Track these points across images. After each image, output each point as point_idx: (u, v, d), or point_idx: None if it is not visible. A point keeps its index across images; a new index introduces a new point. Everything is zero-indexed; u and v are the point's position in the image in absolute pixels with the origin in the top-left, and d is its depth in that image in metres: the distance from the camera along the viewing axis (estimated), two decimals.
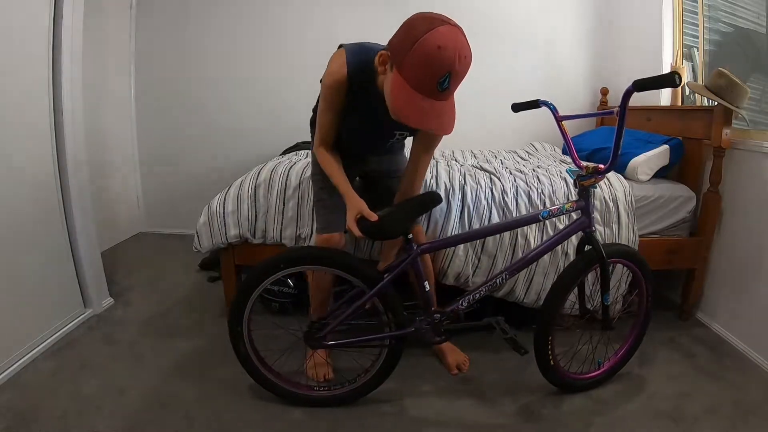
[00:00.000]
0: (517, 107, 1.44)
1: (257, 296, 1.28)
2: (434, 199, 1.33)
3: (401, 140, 1.36)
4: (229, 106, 2.88)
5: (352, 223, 1.16)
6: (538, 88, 2.80)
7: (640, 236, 1.74)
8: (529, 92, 1.43)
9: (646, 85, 0.99)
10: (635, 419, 1.32)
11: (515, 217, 1.65)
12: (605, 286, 1.34)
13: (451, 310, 1.32)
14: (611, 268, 1.35)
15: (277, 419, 1.30)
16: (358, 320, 1.33)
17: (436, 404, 1.38)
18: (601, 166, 1.24)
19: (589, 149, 2.12)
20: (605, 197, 1.70)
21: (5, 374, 1.43)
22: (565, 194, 1.71)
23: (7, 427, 1.23)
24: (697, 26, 2.17)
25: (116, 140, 2.80)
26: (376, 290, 1.24)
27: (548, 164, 2.05)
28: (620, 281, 1.68)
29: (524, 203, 1.69)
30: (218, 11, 2.76)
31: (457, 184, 1.71)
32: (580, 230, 1.32)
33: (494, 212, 1.67)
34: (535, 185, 1.73)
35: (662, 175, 1.89)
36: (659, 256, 1.77)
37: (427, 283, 1.29)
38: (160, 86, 2.87)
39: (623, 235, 1.70)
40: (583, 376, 1.44)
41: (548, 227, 1.67)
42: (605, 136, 2.22)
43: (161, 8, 2.77)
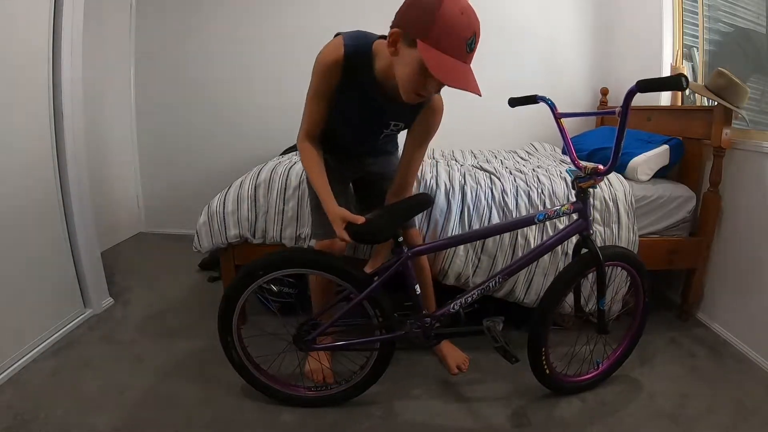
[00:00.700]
0: (514, 102, 1.40)
1: (246, 299, 1.26)
2: (425, 201, 1.29)
3: (395, 132, 1.33)
4: (229, 105, 2.88)
5: (341, 232, 1.13)
6: (538, 87, 2.76)
7: (640, 236, 1.73)
8: (528, 92, 1.42)
9: (650, 86, 0.95)
10: (635, 419, 1.32)
11: (512, 219, 1.64)
12: (601, 290, 1.31)
13: (441, 313, 1.30)
14: (609, 271, 1.33)
15: (275, 420, 1.30)
16: (354, 321, 1.31)
17: (433, 407, 1.38)
18: (600, 167, 1.20)
19: (588, 149, 2.12)
20: (605, 197, 1.70)
21: (5, 374, 1.43)
22: (565, 194, 1.71)
23: (7, 427, 1.23)
24: (697, 26, 2.17)
25: (116, 140, 2.80)
26: (365, 294, 1.22)
27: (548, 164, 2.05)
28: (619, 284, 1.67)
29: (524, 203, 1.69)
30: (218, 11, 2.76)
31: (457, 184, 1.71)
32: (576, 233, 1.30)
33: (494, 212, 1.67)
34: (535, 185, 1.73)
35: (662, 175, 1.89)
36: (659, 256, 1.77)
37: (417, 286, 1.27)
38: (160, 86, 2.87)
39: (623, 235, 1.70)
40: (577, 378, 1.44)
41: (548, 227, 1.67)
42: (605, 136, 2.21)
43: (161, 8, 2.77)
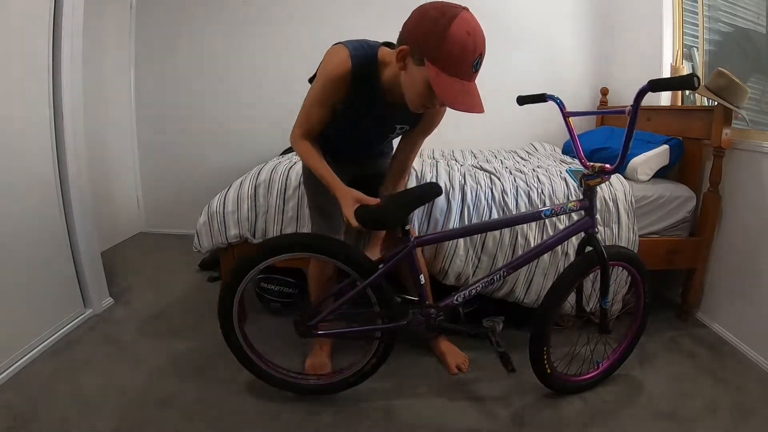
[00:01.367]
0: (522, 100, 1.40)
1: (252, 287, 1.25)
2: (435, 190, 1.28)
3: (400, 134, 1.34)
4: (229, 105, 2.88)
5: (350, 213, 1.12)
6: (538, 87, 2.76)
7: (640, 236, 1.73)
8: (529, 92, 1.42)
9: (662, 85, 0.94)
10: (635, 419, 1.32)
11: (516, 214, 1.64)
12: (605, 289, 1.31)
13: (445, 304, 1.30)
14: (611, 270, 1.33)
15: (275, 420, 1.30)
16: (355, 309, 1.31)
17: (433, 406, 1.38)
18: (607, 166, 1.20)
19: (588, 149, 2.11)
20: (605, 197, 1.70)
21: (5, 374, 1.43)
22: (565, 194, 1.71)
23: (7, 427, 1.23)
24: (697, 26, 2.17)
25: (116, 140, 2.80)
26: (369, 281, 1.21)
27: (548, 164, 2.05)
28: (619, 284, 1.67)
29: (524, 203, 1.69)
30: (218, 11, 2.76)
31: (457, 183, 1.71)
32: (582, 230, 1.29)
33: (494, 212, 1.67)
34: (535, 185, 1.73)
35: (662, 175, 1.89)
36: (659, 256, 1.77)
37: (422, 276, 1.28)
38: (160, 86, 2.87)
39: (623, 235, 1.70)
40: (579, 378, 1.44)
41: (548, 227, 1.67)
42: (606, 135, 2.21)
43: (161, 8, 2.77)
